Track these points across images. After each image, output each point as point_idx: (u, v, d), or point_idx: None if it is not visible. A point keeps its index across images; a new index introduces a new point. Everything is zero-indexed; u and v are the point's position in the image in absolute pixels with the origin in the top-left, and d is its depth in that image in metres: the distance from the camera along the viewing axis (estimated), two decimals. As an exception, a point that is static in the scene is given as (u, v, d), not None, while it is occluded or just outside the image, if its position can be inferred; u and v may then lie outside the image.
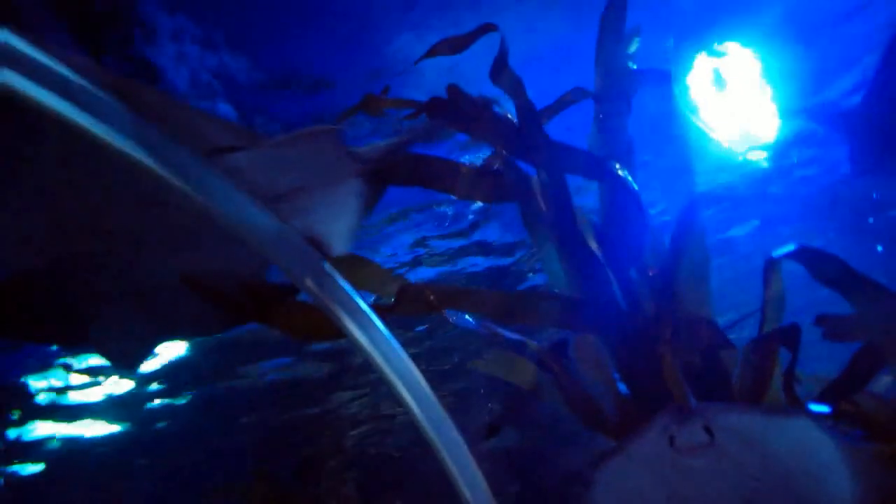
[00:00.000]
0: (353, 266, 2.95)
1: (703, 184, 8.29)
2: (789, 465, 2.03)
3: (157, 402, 10.82)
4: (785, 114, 6.63)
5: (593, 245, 3.35)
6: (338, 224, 2.54)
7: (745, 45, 5.48)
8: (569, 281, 3.35)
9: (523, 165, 3.40)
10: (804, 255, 3.07)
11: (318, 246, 2.52)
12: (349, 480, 12.56)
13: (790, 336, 2.97)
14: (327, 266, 2.50)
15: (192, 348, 9.29)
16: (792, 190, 9.07)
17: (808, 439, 2.04)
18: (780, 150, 7.89)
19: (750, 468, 2.02)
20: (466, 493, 2.51)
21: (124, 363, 3.24)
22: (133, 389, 10.02)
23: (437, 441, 2.54)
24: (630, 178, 3.20)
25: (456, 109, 2.94)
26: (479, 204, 7.63)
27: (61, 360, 8.64)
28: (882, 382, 3.68)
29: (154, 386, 10.15)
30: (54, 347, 7.96)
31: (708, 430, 2.02)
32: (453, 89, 2.92)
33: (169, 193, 2.02)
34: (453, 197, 6.85)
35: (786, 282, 3.33)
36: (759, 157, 7.89)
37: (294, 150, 2.25)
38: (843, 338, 2.98)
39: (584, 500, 2.25)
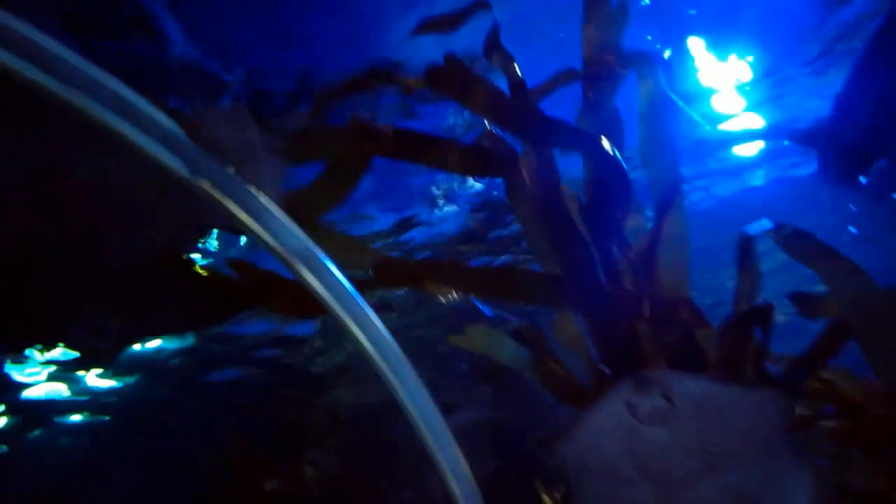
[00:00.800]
0: (333, 240, 2.94)
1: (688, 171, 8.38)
2: (745, 430, 2.12)
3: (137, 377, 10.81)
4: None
5: (578, 222, 3.37)
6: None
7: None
8: (553, 258, 3.37)
9: (512, 145, 3.43)
10: (778, 232, 3.11)
11: None
12: (332, 454, 12.68)
13: (763, 315, 3.02)
14: (310, 242, 2.49)
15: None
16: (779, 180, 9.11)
17: (761, 406, 2.13)
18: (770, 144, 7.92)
19: (707, 434, 2.11)
20: (445, 467, 2.54)
21: (99, 360, 3.24)
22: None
23: (417, 417, 2.57)
24: (617, 153, 3.21)
25: (452, 78, 2.99)
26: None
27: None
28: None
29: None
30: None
31: (667, 398, 2.10)
32: (450, 58, 2.95)
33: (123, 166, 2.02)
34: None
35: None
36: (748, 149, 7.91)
37: (210, 130, 2.24)
38: (816, 315, 3.05)
39: (549, 468, 2.30)
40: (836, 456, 3.45)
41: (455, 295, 3.65)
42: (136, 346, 9.63)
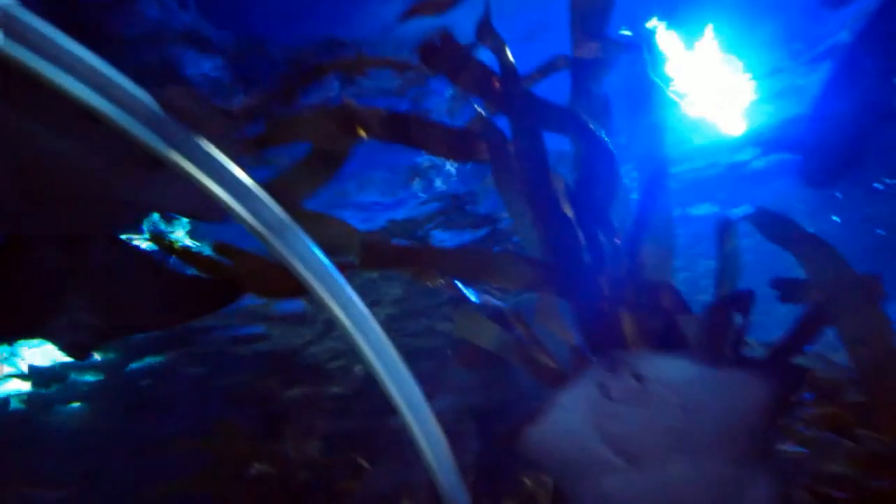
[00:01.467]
0: (316, 222, 2.94)
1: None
2: (715, 410, 2.17)
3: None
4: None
5: (566, 206, 3.38)
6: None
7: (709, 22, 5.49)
8: (540, 243, 3.37)
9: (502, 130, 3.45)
10: (758, 217, 3.14)
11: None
12: (313, 436, 12.69)
13: (742, 301, 3.07)
14: (290, 221, 2.47)
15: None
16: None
17: (728, 382, 2.18)
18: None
19: (676, 411, 2.17)
20: (428, 452, 2.56)
21: (77, 354, 3.35)
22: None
23: (400, 401, 2.58)
24: (604, 136, 3.22)
25: (447, 55, 3.03)
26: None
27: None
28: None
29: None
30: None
31: (637, 378, 2.14)
32: (445, 36, 2.98)
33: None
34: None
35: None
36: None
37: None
38: (796, 300, 3.09)
39: (522, 447, 2.34)
40: (812, 441, 3.51)
41: (440, 281, 3.66)
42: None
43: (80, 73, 1.92)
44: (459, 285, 3.67)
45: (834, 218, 11.05)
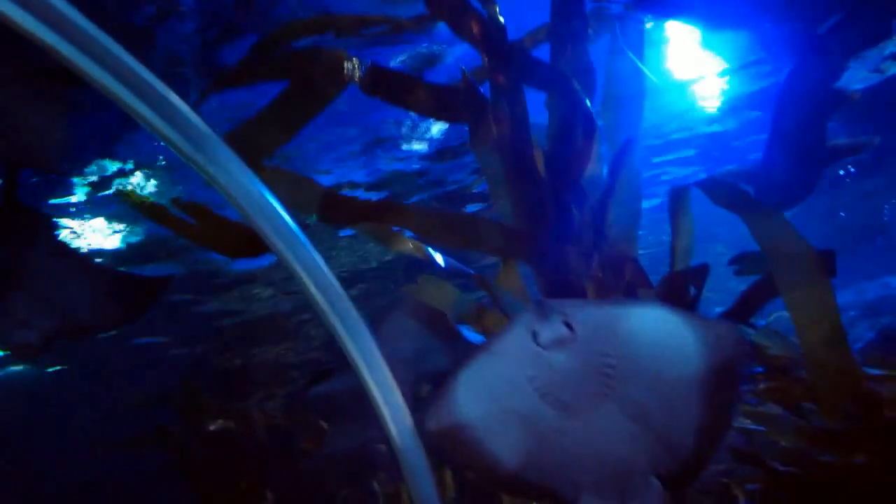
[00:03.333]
0: (277, 176, 2.89)
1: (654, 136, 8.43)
2: (643, 349, 2.25)
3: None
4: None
5: (541, 171, 3.39)
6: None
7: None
8: (513, 207, 3.38)
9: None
10: (706, 184, 3.19)
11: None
12: (276, 396, 12.72)
13: (697, 275, 3.13)
14: (252, 176, 2.42)
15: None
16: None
17: (659, 325, 2.25)
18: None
19: (608, 356, 2.23)
20: (386, 414, 2.57)
21: (25, 355, 3.49)
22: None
23: (361, 363, 2.57)
24: (584, 96, 3.23)
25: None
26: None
27: None
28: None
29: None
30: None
31: (568, 325, 2.16)
32: None
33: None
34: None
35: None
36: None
37: None
38: (751, 272, 3.15)
39: (450, 397, 2.39)
40: (762, 415, 3.62)
41: (408, 245, 3.63)
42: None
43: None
44: (429, 249, 3.65)
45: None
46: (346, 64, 3.02)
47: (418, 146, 7.69)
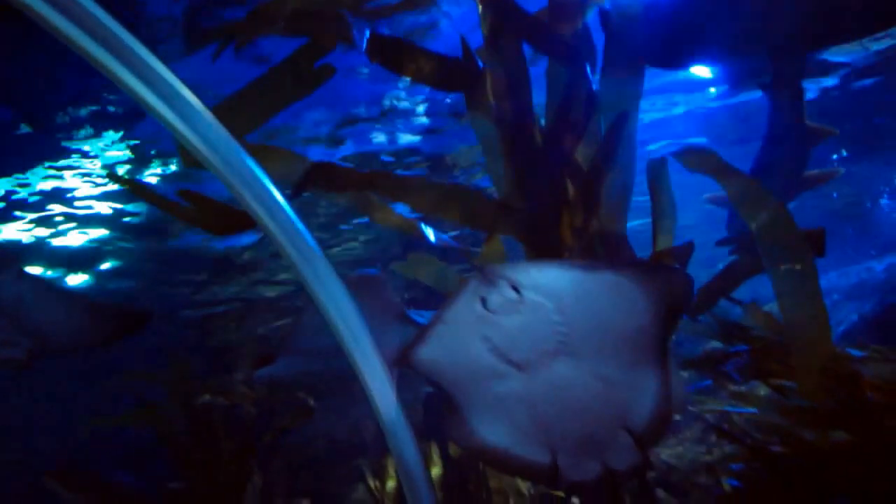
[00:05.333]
0: (262, 152, 2.87)
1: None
2: (590, 305, 2.30)
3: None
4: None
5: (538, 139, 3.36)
6: None
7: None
8: (508, 178, 3.37)
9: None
10: (683, 152, 3.20)
11: None
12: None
13: (682, 253, 3.17)
14: (239, 148, 2.38)
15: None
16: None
17: (603, 280, 2.29)
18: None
19: (557, 314, 2.29)
20: (374, 391, 2.56)
21: (11, 367, 3.77)
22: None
23: (347, 337, 2.55)
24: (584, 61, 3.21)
25: None
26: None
27: None
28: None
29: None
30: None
31: (515, 288, 2.22)
32: None
33: None
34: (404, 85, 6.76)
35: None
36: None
37: None
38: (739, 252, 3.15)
39: (410, 365, 2.47)
40: (745, 395, 3.65)
41: (397, 219, 3.58)
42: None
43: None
44: (422, 226, 3.61)
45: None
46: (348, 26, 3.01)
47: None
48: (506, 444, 2.53)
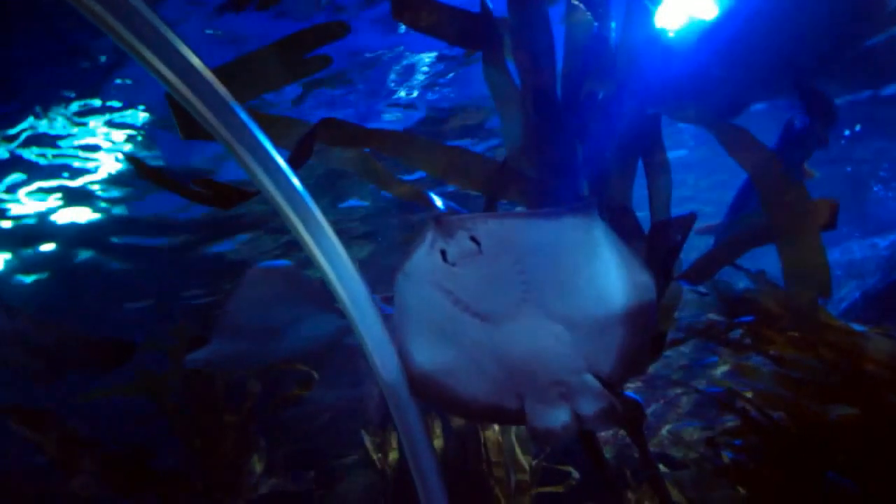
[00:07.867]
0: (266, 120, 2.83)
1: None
2: (549, 252, 2.29)
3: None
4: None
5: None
6: None
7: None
8: (525, 147, 3.30)
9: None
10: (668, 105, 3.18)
11: None
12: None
13: (684, 223, 3.17)
14: (238, 108, 2.34)
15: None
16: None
17: (561, 226, 2.28)
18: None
19: (517, 263, 2.27)
20: (378, 359, 2.55)
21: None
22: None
23: (350, 306, 2.54)
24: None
25: None
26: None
27: None
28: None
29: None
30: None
31: (473, 239, 2.19)
32: None
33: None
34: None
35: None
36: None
37: None
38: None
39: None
40: (747, 367, 3.63)
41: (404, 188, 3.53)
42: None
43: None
44: (431, 195, 3.56)
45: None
46: None
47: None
48: (473, 391, 2.54)
